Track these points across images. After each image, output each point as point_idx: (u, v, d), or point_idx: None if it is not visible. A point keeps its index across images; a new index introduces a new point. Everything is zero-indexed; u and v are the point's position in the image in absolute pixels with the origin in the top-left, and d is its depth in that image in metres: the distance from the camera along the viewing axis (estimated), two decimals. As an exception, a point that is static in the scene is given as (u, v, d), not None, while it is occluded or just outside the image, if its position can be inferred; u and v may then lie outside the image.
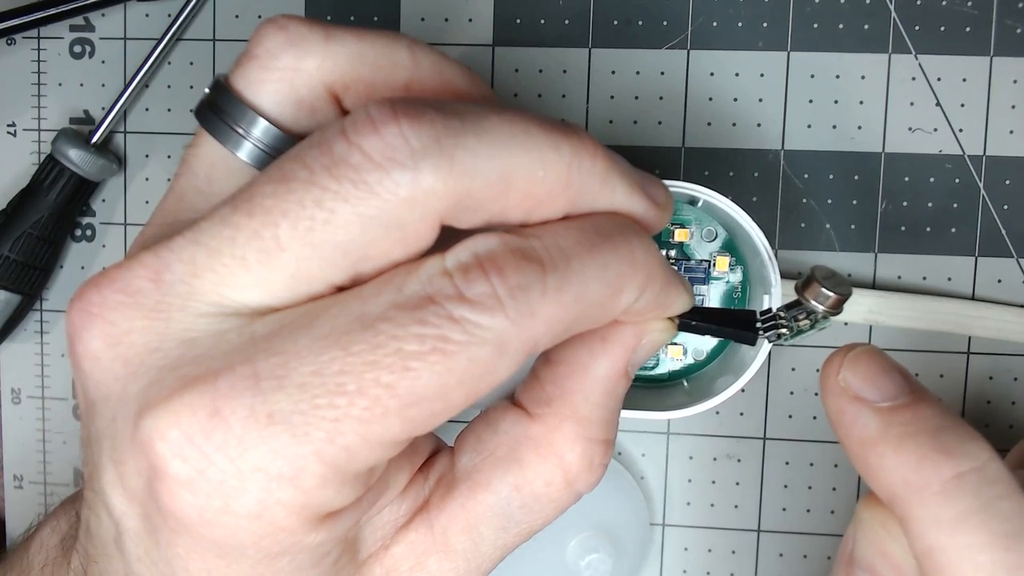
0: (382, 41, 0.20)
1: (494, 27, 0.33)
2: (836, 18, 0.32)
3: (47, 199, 0.33)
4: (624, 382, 0.21)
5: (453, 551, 0.21)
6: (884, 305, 0.32)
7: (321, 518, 0.18)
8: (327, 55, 0.20)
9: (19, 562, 0.25)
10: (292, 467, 0.17)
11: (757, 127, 0.33)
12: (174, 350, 0.18)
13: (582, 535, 0.33)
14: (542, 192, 0.18)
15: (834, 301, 0.21)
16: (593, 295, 0.18)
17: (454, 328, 0.16)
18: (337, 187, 0.17)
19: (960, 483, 0.19)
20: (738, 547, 0.34)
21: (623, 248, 0.19)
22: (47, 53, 0.35)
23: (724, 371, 0.30)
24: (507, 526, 0.21)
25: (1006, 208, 0.32)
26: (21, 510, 0.36)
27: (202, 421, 0.17)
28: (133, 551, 0.19)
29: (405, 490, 0.21)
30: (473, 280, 0.17)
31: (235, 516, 0.17)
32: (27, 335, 0.36)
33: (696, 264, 0.31)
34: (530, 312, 0.17)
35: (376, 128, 0.17)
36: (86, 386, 0.19)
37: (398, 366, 0.16)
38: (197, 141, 0.21)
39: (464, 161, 0.17)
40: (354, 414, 0.16)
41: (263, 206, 0.17)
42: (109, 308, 0.18)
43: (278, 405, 0.16)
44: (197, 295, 0.18)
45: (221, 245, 0.18)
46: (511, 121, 0.18)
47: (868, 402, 0.20)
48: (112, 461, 0.18)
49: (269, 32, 0.20)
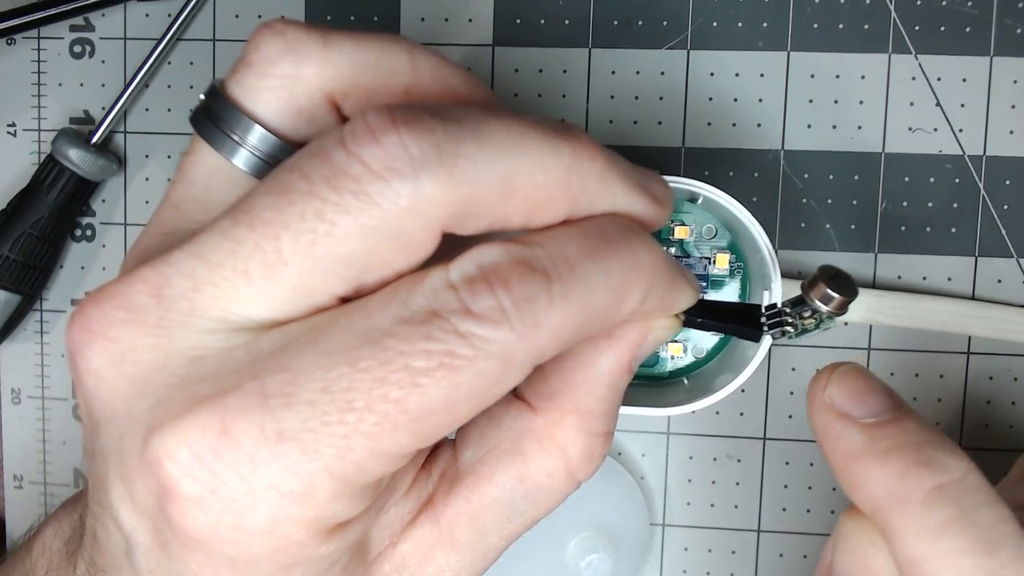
0: (381, 46, 0.20)
1: (494, 27, 0.33)
2: (836, 18, 0.32)
3: (47, 199, 0.33)
4: (627, 377, 0.21)
5: (459, 544, 0.21)
6: (884, 305, 0.32)
7: (331, 530, 0.18)
8: (326, 62, 0.19)
9: (21, 564, 0.25)
10: (303, 484, 0.17)
11: (757, 127, 0.33)
12: (181, 368, 0.18)
13: (582, 535, 0.33)
14: (543, 196, 0.18)
15: (839, 303, 0.21)
16: (598, 303, 0.18)
17: (461, 343, 0.16)
18: (337, 199, 0.17)
19: (941, 493, 0.19)
20: (738, 547, 0.34)
21: (626, 253, 0.19)
22: (47, 53, 0.35)
23: (724, 369, 0.30)
24: (511, 517, 0.21)
25: (1006, 208, 0.32)
26: (21, 510, 0.36)
27: (212, 440, 0.16)
28: (144, 564, 0.19)
29: (410, 488, 0.21)
30: (478, 294, 0.17)
31: (247, 533, 0.17)
32: (27, 335, 0.36)
33: (696, 261, 0.31)
34: (535, 324, 0.17)
35: (375, 137, 0.17)
36: (90, 404, 0.19)
37: (406, 382, 0.16)
38: (193, 148, 0.21)
39: (464, 168, 0.17)
40: (364, 430, 0.16)
41: (263, 218, 0.17)
42: (110, 325, 0.18)
43: (287, 423, 0.16)
44: (199, 310, 0.18)
45: (223, 259, 0.17)
46: (510, 126, 0.18)
47: (853, 418, 0.21)
48: (120, 478, 0.18)
49: (266, 38, 0.20)
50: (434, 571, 0.21)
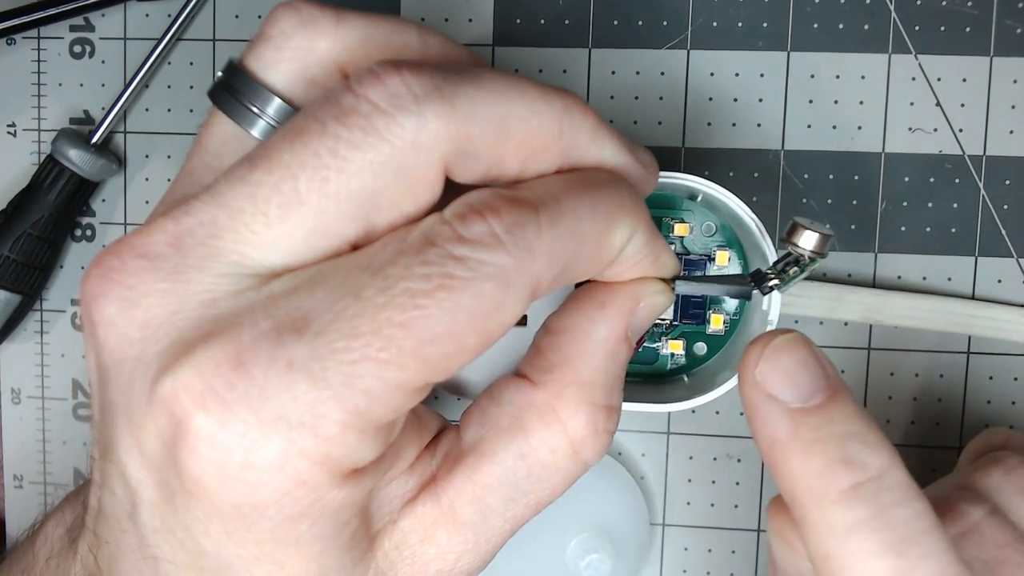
0: (392, 24, 0.21)
1: (494, 27, 0.33)
2: (836, 18, 0.32)
3: (47, 199, 0.33)
4: (625, 347, 0.21)
5: (462, 523, 0.21)
6: (884, 304, 0.32)
7: (343, 475, 0.18)
8: (338, 36, 0.20)
9: (24, 557, 0.25)
10: (312, 413, 0.17)
11: (757, 127, 0.33)
12: (193, 311, 0.18)
13: (582, 535, 0.33)
14: (536, 142, 0.19)
15: (819, 241, 0.22)
16: (586, 230, 0.19)
17: (457, 265, 0.17)
18: (349, 135, 0.18)
19: (856, 492, 0.19)
20: (738, 547, 0.34)
21: (612, 191, 0.20)
22: (47, 53, 0.35)
23: (724, 366, 0.30)
24: (515, 496, 0.21)
25: (1006, 208, 0.32)
26: (21, 510, 0.36)
27: (225, 372, 0.17)
28: (149, 522, 0.19)
29: (412, 466, 0.21)
30: (470, 222, 0.17)
31: (256, 470, 0.17)
32: (27, 335, 0.36)
33: (696, 259, 0.31)
34: (528, 247, 0.18)
35: (380, 79, 0.18)
36: (100, 353, 0.19)
37: (407, 304, 0.17)
38: (210, 121, 0.22)
39: (463, 106, 0.18)
40: (371, 355, 0.17)
41: (282, 161, 0.18)
42: (128, 273, 0.18)
43: (298, 352, 0.17)
44: (217, 256, 0.18)
45: (243, 204, 0.18)
46: (506, 76, 0.19)
47: (781, 403, 0.21)
48: (129, 428, 0.18)
49: (283, 14, 0.21)
50: (436, 552, 0.21)
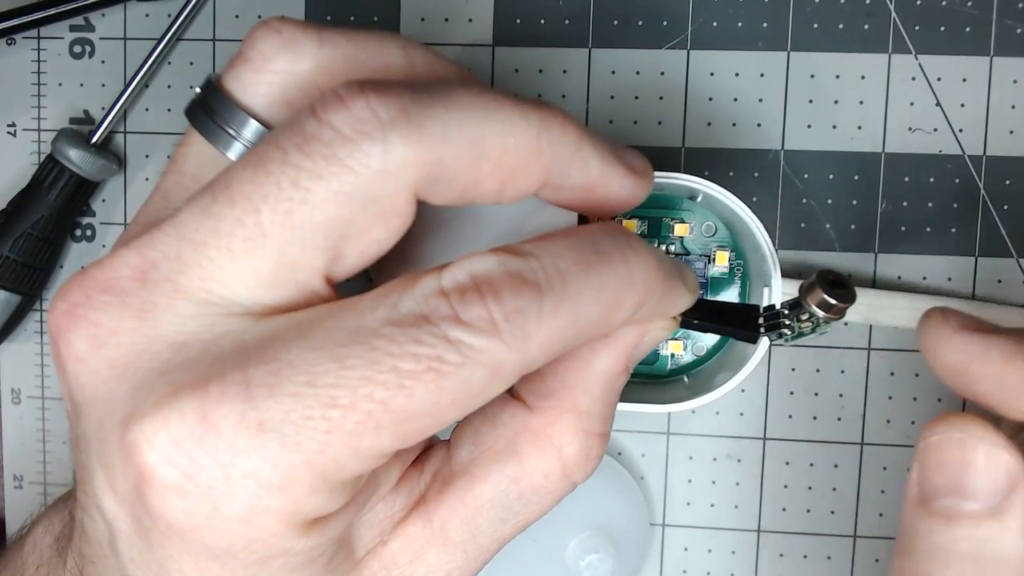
0: (376, 42, 0.20)
1: (494, 27, 0.33)
2: (836, 18, 0.32)
3: (47, 199, 0.33)
4: (624, 377, 0.21)
5: (452, 543, 0.21)
6: (884, 305, 0.32)
7: (309, 524, 0.18)
8: (320, 57, 0.20)
9: (12, 562, 0.25)
10: (282, 476, 0.16)
11: (757, 127, 0.33)
12: (163, 352, 0.18)
13: (582, 535, 0.33)
14: (514, 161, 0.18)
15: (836, 309, 0.21)
16: (589, 316, 0.18)
17: (450, 349, 0.16)
18: (311, 165, 0.17)
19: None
20: (738, 547, 0.34)
21: (620, 266, 0.18)
22: (47, 53, 0.35)
23: (724, 367, 0.30)
24: (505, 517, 0.21)
25: (1006, 208, 0.32)
26: (21, 510, 0.36)
27: (191, 426, 0.16)
28: (126, 553, 0.18)
29: (399, 486, 0.21)
30: (470, 303, 0.17)
31: (225, 520, 0.17)
32: (27, 335, 0.36)
33: (696, 259, 0.31)
34: (525, 336, 0.17)
35: (344, 103, 0.17)
36: (71, 389, 0.18)
37: (393, 383, 0.16)
38: (187, 140, 0.21)
39: (433, 129, 0.17)
40: (346, 428, 0.16)
41: (243, 192, 0.17)
42: (95, 308, 0.18)
43: (269, 413, 0.16)
44: (183, 293, 0.18)
45: (206, 237, 0.17)
46: (479, 92, 0.18)
47: None
48: (101, 465, 0.18)
49: (263, 35, 0.20)
50: (425, 571, 0.21)
